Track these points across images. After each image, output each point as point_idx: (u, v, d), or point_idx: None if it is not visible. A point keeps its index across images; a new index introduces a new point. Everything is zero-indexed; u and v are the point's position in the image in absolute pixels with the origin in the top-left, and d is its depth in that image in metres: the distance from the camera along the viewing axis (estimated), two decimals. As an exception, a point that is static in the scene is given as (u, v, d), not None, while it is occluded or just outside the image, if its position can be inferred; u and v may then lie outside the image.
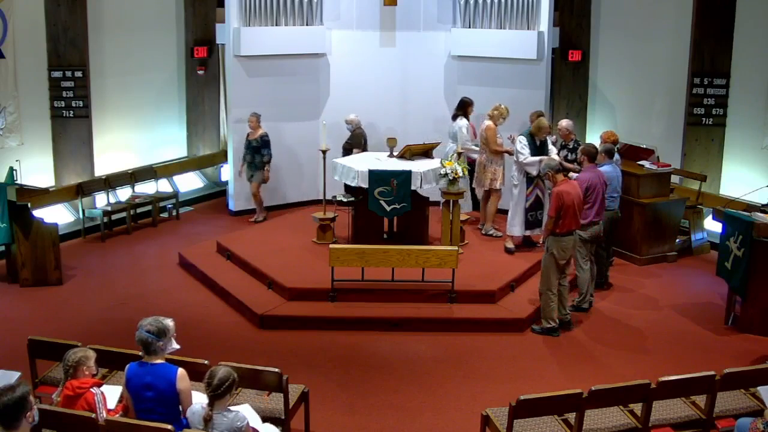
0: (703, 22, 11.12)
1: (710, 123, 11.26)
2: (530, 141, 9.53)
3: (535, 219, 9.76)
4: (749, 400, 6.03)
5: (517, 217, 9.74)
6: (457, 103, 10.71)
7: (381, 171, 9.35)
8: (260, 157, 11.29)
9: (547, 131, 9.67)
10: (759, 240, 8.07)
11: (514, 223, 9.77)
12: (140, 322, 5.01)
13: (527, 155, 9.47)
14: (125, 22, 11.99)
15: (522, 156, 9.49)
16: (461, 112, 10.57)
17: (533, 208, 9.73)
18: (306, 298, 8.63)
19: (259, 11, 11.52)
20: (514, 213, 9.77)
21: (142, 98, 12.45)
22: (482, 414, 5.81)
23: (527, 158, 9.47)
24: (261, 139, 11.25)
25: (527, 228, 9.77)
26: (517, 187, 9.71)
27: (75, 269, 9.95)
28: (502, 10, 11.56)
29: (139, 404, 5.01)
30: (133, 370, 5.01)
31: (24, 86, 10.85)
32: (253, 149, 11.31)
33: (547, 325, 8.22)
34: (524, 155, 9.49)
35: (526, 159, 9.48)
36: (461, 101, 10.66)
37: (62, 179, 11.35)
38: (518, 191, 9.70)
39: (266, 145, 11.31)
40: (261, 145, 11.24)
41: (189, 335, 8.03)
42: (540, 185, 9.65)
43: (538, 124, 9.60)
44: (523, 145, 9.50)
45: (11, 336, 7.84)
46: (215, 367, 4.85)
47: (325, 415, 6.60)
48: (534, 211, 9.74)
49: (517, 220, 9.74)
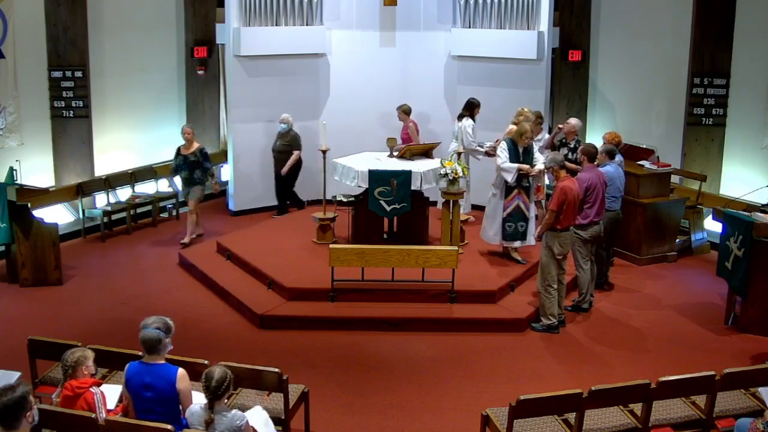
0: (703, 22, 11.12)
1: (710, 123, 11.27)
2: (511, 146, 9.03)
3: (515, 231, 9.17)
4: (749, 400, 6.03)
5: (494, 227, 9.22)
6: (464, 104, 10.63)
7: (381, 171, 9.35)
8: (200, 172, 10.62)
9: (530, 137, 9.06)
10: (759, 240, 8.07)
11: (491, 231, 9.29)
12: (143, 322, 5.02)
13: (505, 159, 8.96)
14: (125, 22, 11.99)
15: (500, 159, 9.02)
16: (467, 113, 10.49)
17: (512, 219, 9.14)
18: (306, 298, 8.63)
19: (259, 11, 11.52)
20: (491, 221, 9.25)
21: (142, 98, 12.45)
22: (482, 414, 5.81)
23: (504, 162, 8.95)
24: (200, 153, 10.61)
25: (505, 239, 9.25)
26: (495, 196, 9.21)
27: (75, 269, 9.95)
28: (502, 10, 11.56)
29: (138, 404, 5.02)
30: (133, 370, 5.01)
31: (24, 86, 10.86)
32: (191, 164, 10.58)
33: (548, 321, 8.22)
34: (502, 159, 8.99)
35: (503, 163, 8.96)
36: (468, 102, 10.58)
37: (62, 179, 11.36)
38: (496, 199, 9.21)
39: (206, 158, 10.69)
40: (201, 159, 10.59)
41: (189, 335, 8.04)
42: (523, 196, 9.11)
43: (519, 130, 9.06)
44: (503, 149, 9.03)
45: (11, 336, 7.84)
46: (210, 368, 4.84)
47: (325, 415, 6.60)
48: (513, 222, 9.14)
49: (494, 228, 9.23)
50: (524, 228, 9.19)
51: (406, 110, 11.35)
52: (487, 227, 9.39)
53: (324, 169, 10.11)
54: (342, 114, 11.88)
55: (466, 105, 10.60)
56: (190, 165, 10.59)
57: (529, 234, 9.21)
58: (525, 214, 9.17)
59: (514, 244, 9.29)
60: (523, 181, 9.10)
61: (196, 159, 10.58)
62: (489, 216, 9.35)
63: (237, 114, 11.83)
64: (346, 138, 11.37)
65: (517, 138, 9.03)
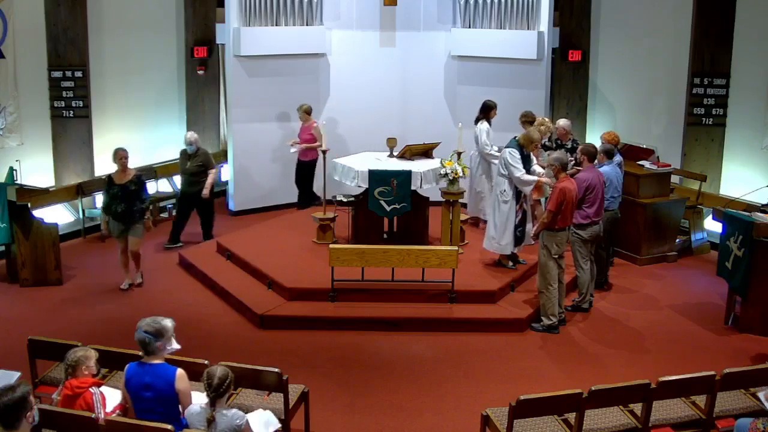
0: (703, 22, 11.12)
1: (710, 123, 11.27)
2: (520, 153, 8.76)
3: (522, 234, 9.09)
4: (749, 400, 6.03)
5: (507, 235, 8.96)
6: (480, 107, 10.38)
7: (381, 171, 9.35)
8: (140, 204, 9.01)
9: (537, 146, 8.92)
10: (759, 240, 8.07)
11: (504, 241, 8.98)
12: (139, 323, 5.02)
13: (523, 171, 8.71)
14: (125, 22, 11.99)
15: (517, 171, 8.70)
16: (483, 116, 10.28)
17: (521, 225, 9.04)
18: (306, 298, 8.63)
19: (259, 11, 11.53)
20: (502, 230, 8.94)
21: (142, 98, 12.45)
22: (482, 414, 5.81)
23: (524, 175, 8.69)
24: (138, 180, 9.02)
25: (516, 245, 9.09)
26: (507, 203, 8.90)
27: (75, 269, 9.95)
28: (502, 10, 11.57)
29: (138, 404, 5.02)
30: (133, 370, 5.02)
31: (24, 86, 10.86)
32: (128, 195, 8.93)
33: (548, 321, 8.23)
34: (520, 170, 8.70)
35: (522, 176, 8.69)
36: (484, 104, 10.33)
37: (62, 179, 11.36)
38: (508, 207, 8.90)
39: (144, 187, 9.11)
40: (139, 188, 9.00)
41: (189, 335, 8.03)
42: (525, 199, 9.01)
43: (530, 137, 8.81)
44: (516, 159, 8.72)
45: (11, 336, 7.84)
46: (212, 368, 4.86)
47: (325, 415, 6.60)
48: (522, 227, 9.06)
49: (507, 237, 8.96)
50: (522, 232, 9.12)
51: (307, 110, 11.31)
52: (498, 237, 9.01)
53: (324, 169, 10.11)
54: (342, 114, 11.88)
55: (481, 107, 10.32)
56: (129, 196, 8.94)
57: (526, 235, 9.16)
58: (527, 216, 9.14)
59: (520, 247, 9.20)
60: None
61: (136, 187, 8.98)
62: (500, 226, 8.97)
63: (237, 114, 11.83)
64: (346, 138, 11.38)
65: (527, 144, 8.80)
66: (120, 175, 9.02)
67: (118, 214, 8.97)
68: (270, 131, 11.83)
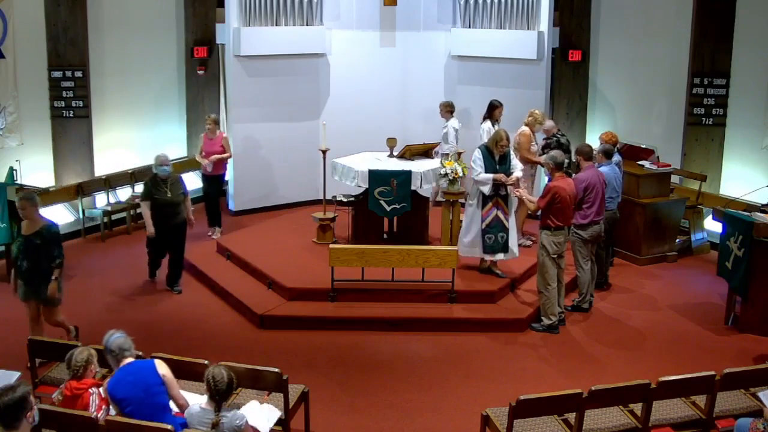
0: (703, 22, 11.12)
1: (710, 123, 11.27)
2: (486, 155, 8.61)
3: (496, 242, 8.70)
4: (749, 400, 6.03)
5: (469, 235, 8.81)
6: (487, 106, 10.40)
7: (381, 171, 9.35)
8: (47, 261, 6.99)
9: (505, 145, 8.61)
10: (759, 240, 8.07)
11: (466, 238, 8.84)
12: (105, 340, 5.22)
13: (480, 171, 8.57)
14: (125, 22, 11.99)
15: (474, 171, 8.61)
16: (488, 115, 10.33)
17: (492, 230, 8.70)
18: (306, 298, 8.63)
19: (259, 11, 11.53)
20: (465, 232, 8.86)
21: (142, 98, 12.45)
22: (482, 414, 5.81)
23: (480, 174, 8.54)
24: (48, 231, 7.00)
25: (486, 252, 8.79)
26: (471, 206, 8.81)
27: (75, 269, 9.94)
28: (502, 10, 11.57)
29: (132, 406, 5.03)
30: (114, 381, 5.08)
31: (24, 86, 10.85)
32: (34, 249, 6.95)
33: (548, 321, 8.22)
34: (476, 170, 8.58)
35: (478, 175, 8.56)
36: (489, 104, 10.37)
37: (62, 179, 11.36)
38: (472, 210, 8.79)
39: (55, 241, 7.06)
40: (49, 240, 6.99)
41: (189, 335, 8.05)
42: (501, 205, 8.68)
43: (494, 137, 8.67)
44: (477, 159, 8.59)
45: (11, 336, 7.84)
46: (215, 370, 4.84)
47: (325, 415, 6.60)
48: (494, 233, 8.69)
49: (468, 240, 8.83)
50: (505, 239, 8.73)
51: (216, 120, 10.91)
52: (462, 236, 8.96)
53: (324, 169, 10.11)
54: (342, 114, 11.87)
55: (488, 107, 10.36)
56: (34, 250, 6.96)
57: (512, 245, 8.81)
58: (504, 224, 8.71)
59: (497, 257, 8.80)
60: (501, 191, 8.66)
61: (43, 241, 6.96)
62: (464, 226, 8.94)
63: (237, 114, 11.83)
64: (346, 138, 11.36)
65: (492, 145, 8.64)
66: (27, 225, 7.06)
67: (22, 273, 7.06)
68: (270, 131, 11.82)
